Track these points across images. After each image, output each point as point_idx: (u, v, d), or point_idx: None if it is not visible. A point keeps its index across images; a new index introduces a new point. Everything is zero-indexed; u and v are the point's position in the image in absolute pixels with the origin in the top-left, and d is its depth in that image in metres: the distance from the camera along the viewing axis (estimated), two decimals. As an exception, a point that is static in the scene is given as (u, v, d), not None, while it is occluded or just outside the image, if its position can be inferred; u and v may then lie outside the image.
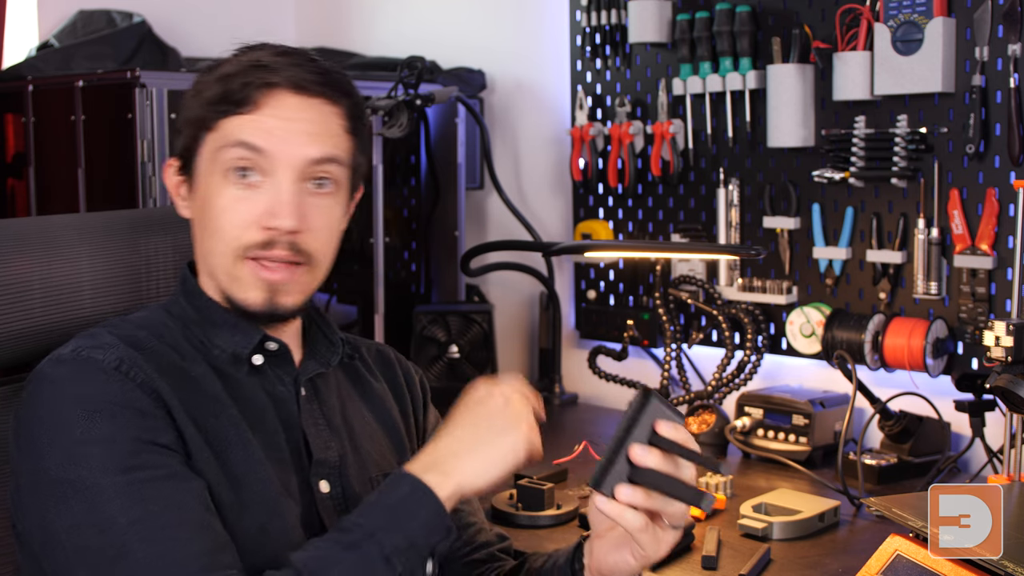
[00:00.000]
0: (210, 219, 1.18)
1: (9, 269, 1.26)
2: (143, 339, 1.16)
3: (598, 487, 1.06)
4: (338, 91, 1.21)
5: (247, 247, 1.16)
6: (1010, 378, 1.55)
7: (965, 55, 1.97)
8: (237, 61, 1.19)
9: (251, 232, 1.16)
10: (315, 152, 1.17)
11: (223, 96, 1.16)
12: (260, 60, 1.17)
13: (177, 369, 1.15)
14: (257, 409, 1.18)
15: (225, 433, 1.14)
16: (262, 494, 1.13)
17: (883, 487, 1.88)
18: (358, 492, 1.21)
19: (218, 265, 1.19)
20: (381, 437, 1.30)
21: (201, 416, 1.13)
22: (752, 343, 2.22)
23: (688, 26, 2.31)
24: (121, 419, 1.07)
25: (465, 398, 1.14)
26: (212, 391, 1.16)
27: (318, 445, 1.21)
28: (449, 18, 2.88)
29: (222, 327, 1.20)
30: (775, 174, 2.26)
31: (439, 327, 2.50)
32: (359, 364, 1.34)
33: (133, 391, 1.09)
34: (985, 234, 1.96)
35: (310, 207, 1.18)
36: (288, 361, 1.23)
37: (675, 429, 1.08)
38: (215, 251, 1.18)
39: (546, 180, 2.70)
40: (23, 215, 2.47)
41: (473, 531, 1.34)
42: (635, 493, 1.05)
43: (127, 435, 1.06)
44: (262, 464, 1.14)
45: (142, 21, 2.65)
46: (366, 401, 1.31)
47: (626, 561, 1.13)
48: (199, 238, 1.22)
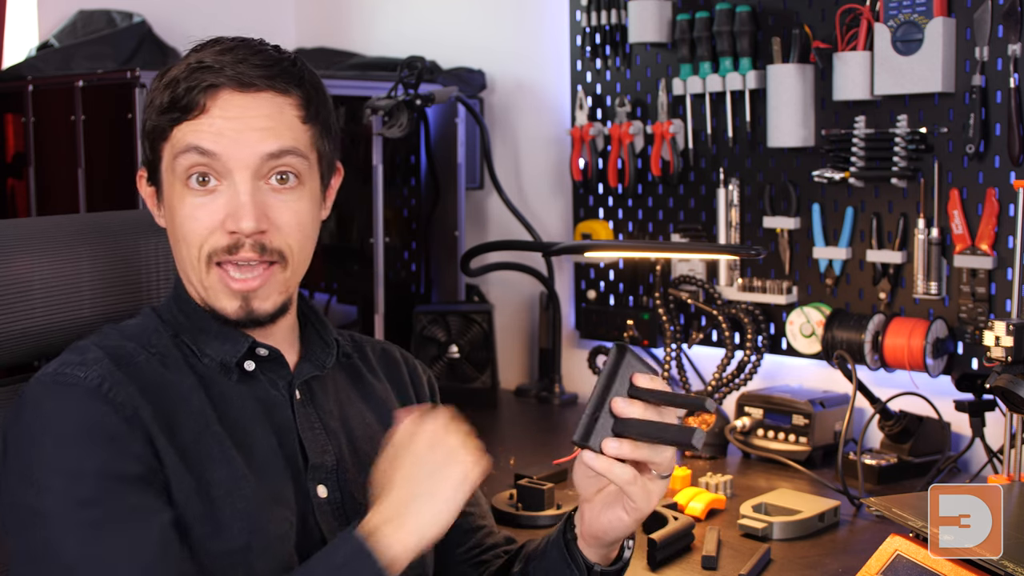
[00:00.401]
0: (177, 228, 1.17)
1: (10, 269, 1.26)
2: (130, 352, 1.15)
3: (584, 443, 1.07)
4: (288, 81, 1.17)
5: (213, 253, 1.15)
6: (1010, 378, 1.55)
7: (965, 55, 1.97)
8: (183, 65, 1.15)
9: (215, 237, 1.14)
10: (269, 147, 1.15)
11: (171, 103, 1.14)
12: (203, 61, 1.14)
13: (161, 385, 1.14)
14: (246, 419, 1.17)
15: (208, 450, 1.12)
16: (244, 511, 1.11)
17: (883, 487, 1.88)
18: (357, 496, 1.20)
19: (191, 274, 1.18)
20: (381, 439, 1.26)
21: (182, 435, 1.12)
22: (752, 343, 2.22)
23: (688, 26, 2.31)
24: (90, 450, 1.06)
25: (392, 446, 1.11)
26: (197, 406, 1.14)
27: (314, 449, 1.20)
28: (449, 18, 2.88)
29: (210, 335, 1.19)
30: (775, 174, 2.26)
31: (439, 327, 2.50)
32: (360, 364, 1.32)
33: (109, 415, 1.08)
34: (985, 234, 1.96)
35: (272, 205, 1.15)
36: (282, 364, 1.22)
37: (652, 380, 1.09)
38: (186, 260, 1.17)
39: (546, 180, 2.70)
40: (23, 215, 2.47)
41: (482, 534, 1.34)
42: (622, 445, 1.07)
43: (93, 468, 1.05)
44: (246, 479, 1.13)
45: (142, 21, 2.66)
46: (367, 402, 1.30)
47: (619, 518, 1.13)
48: (173, 248, 1.20)
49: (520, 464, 1.95)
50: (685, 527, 1.61)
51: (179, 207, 1.16)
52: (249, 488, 1.13)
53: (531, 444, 2.24)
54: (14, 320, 1.25)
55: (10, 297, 1.25)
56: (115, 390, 1.10)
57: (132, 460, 1.07)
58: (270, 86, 1.16)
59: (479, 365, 2.50)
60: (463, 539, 1.33)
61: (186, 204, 1.15)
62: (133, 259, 1.36)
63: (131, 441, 1.08)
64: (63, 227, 1.34)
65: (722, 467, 2.03)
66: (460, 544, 1.33)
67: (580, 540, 1.19)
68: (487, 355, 2.50)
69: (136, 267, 1.36)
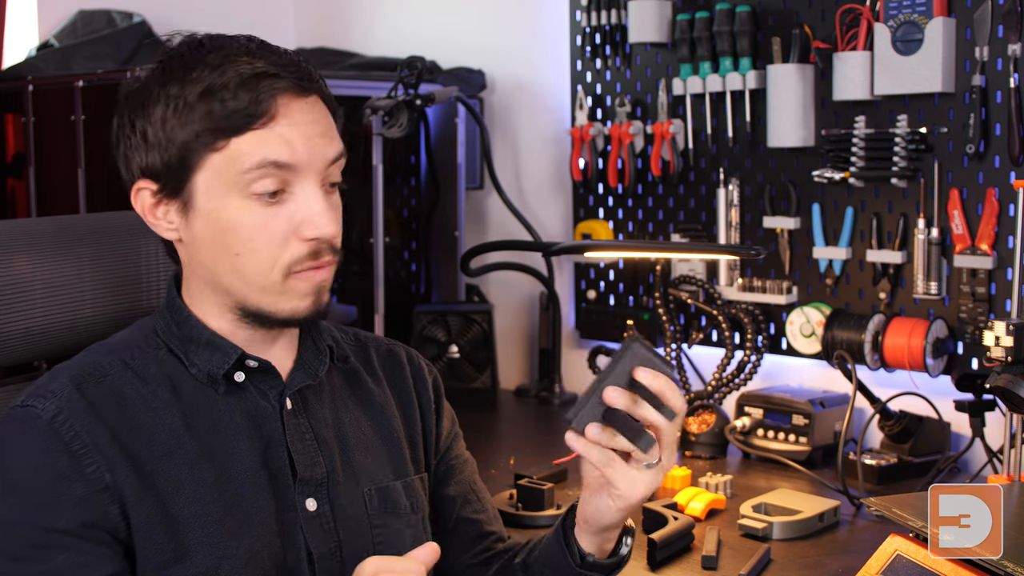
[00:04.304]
0: (237, 240, 1.11)
1: (10, 269, 1.26)
2: (103, 369, 1.14)
3: (570, 423, 1.10)
4: (319, 82, 1.15)
5: (294, 262, 1.12)
6: (1010, 378, 1.55)
7: (965, 55, 1.97)
8: (227, 71, 1.09)
9: (292, 247, 1.11)
10: (331, 153, 1.13)
11: (232, 113, 1.08)
12: (256, 66, 1.09)
13: (135, 402, 1.12)
14: (229, 435, 1.15)
15: (177, 474, 1.11)
16: (210, 537, 1.10)
17: (883, 487, 1.88)
18: (348, 508, 1.19)
19: (253, 284, 1.13)
20: (378, 448, 1.25)
21: (151, 458, 1.10)
22: (752, 343, 2.22)
23: (688, 26, 2.31)
24: (27, 500, 1.06)
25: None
26: (170, 426, 1.12)
27: (303, 462, 1.17)
28: (449, 18, 2.88)
29: (200, 344, 1.16)
30: (775, 174, 2.26)
31: (439, 327, 2.50)
32: (360, 368, 1.29)
33: (56, 452, 1.07)
34: (985, 234, 1.96)
35: (333, 208, 1.15)
36: (273, 375, 1.19)
37: (653, 376, 1.09)
38: (248, 271, 1.12)
39: (546, 180, 2.70)
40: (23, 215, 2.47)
41: (491, 540, 1.33)
42: (601, 433, 1.08)
43: (27, 520, 1.05)
44: (213, 503, 1.11)
45: (142, 21, 2.66)
46: (363, 408, 1.27)
47: (606, 504, 1.13)
48: (210, 260, 1.14)
49: (520, 464, 1.95)
50: (685, 527, 1.61)
51: (240, 218, 1.11)
52: (218, 511, 1.11)
53: (531, 444, 2.24)
54: (14, 320, 1.25)
55: (10, 297, 1.25)
56: (69, 423, 1.09)
57: (68, 509, 1.06)
58: (318, 89, 1.14)
59: (479, 365, 2.50)
60: (470, 545, 1.32)
61: (253, 215, 1.10)
62: (133, 259, 1.36)
63: (74, 481, 1.07)
64: (63, 227, 1.34)
65: (722, 467, 2.03)
66: (467, 550, 1.32)
67: (577, 527, 1.19)
68: (487, 355, 2.50)
69: (136, 267, 1.36)
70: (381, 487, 1.22)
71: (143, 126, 1.13)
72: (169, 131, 1.11)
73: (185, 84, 1.10)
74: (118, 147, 1.16)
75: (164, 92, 1.11)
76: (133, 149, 1.14)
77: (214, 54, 1.11)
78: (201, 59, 1.11)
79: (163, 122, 1.11)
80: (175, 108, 1.10)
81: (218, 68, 1.09)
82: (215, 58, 1.10)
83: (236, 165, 1.09)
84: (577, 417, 1.09)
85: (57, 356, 1.31)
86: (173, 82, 1.11)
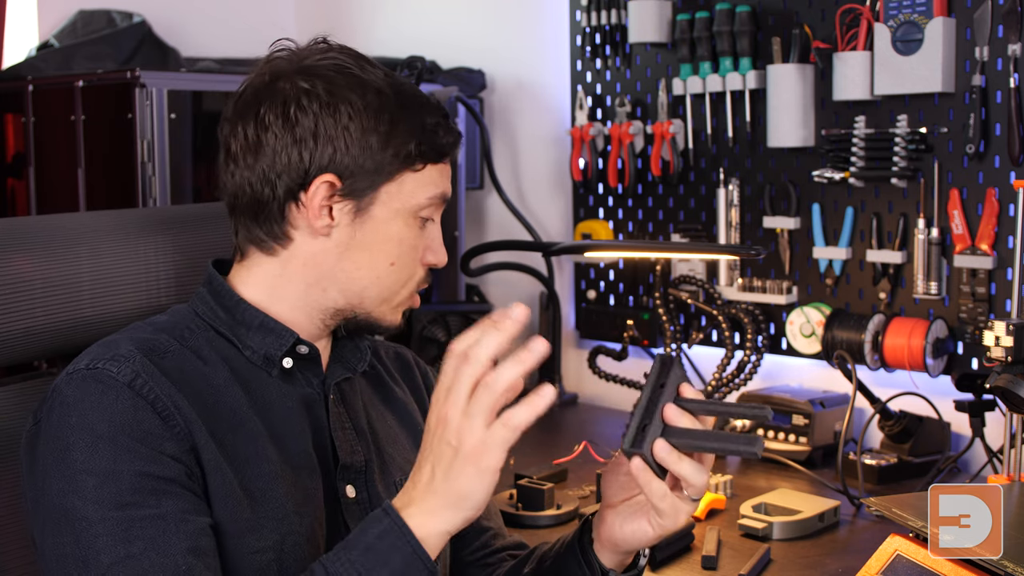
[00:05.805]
0: (392, 252, 1.20)
1: (10, 268, 1.26)
2: (164, 345, 1.14)
3: (636, 450, 1.05)
4: None
5: (419, 282, 1.23)
6: (1010, 378, 1.55)
7: (965, 55, 1.97)
8: (429, 99, 1.21)
9: (420, 269, 1.23)
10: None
11: (442, 144, 1.20)
12: (442, 110, 1.21)
13: (197, 378, 1.13)
14: (282, 416, 1.17)
15: (243, 448, 1.12)
16: (277, 511, 1.12)
17: (883, 487, 1.88)
18: (383, 496, 1.21)
19: (383, 292, 1.21)
20: (404, 441, 1.30)
21: (220, 430, 1.11)
22: (752, 343, 2.22)
23: (688, 26, 2.31)
24: (124, 449, 1.05)
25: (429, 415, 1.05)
26: (232, 403, 1.14)
27: (344, 449, 1.21)
28: (449, 18, 2.88)
29: (251, 328, 1.19)
30: (775, 174, 2.26)
31: (439, 327, 2.50)
32: (381, 370, 1.34)
33: (144, 410, 1.07)
34: (985, 234, 1.96)
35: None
36: (317, 364, 1.22)
37: (697, 392, 1.10)
38: (388, 281, 1.20)
39: (546, 180, 2.70)
40: (23, 215, 2.47)
41: (489, 536, 1.34)
42: (671, 452, 1.05)
43: (127, 468, 1.04)
44: (278, 479, 1.13)
45: (142, 21, 2.66)
46: (388, 406, 1.32)
47: (643, 530, 1.13)
48: (350, 264, 1.19)
49: (520, 464, 1.95)
50: (685, 527, 1.61)
51: (403, 234, 1.20)
52: (281, 488, 1.13)
53: (531, 444, 2.23)
54: (14, 320, 1.25)
55: (10, 297, 1.25)
56: (149, 385, 1.08)
57: (167, 460, 1.06)
58: None
59: (479, 365, 2.49)
60: (469, 540, 1.33)
61: (412, 234, 1.20)
62: (133, 259, 1.36)
63: (166, 439, 1.07)
64: (63, 227, 1.34)
65: (722, 467, 2.02)
66: (466, 546, 1.33)
67: (597, 543, 1.19)
68: (487, 355, 2.49)
69: (136, 267, 1.36)
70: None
71: (328, 123, 1.15)
72: (370, 138, 1.16)
73: (393, 100, 1.17)
74: (266, 130, 1.15)
75: (363, 99, 1.16)
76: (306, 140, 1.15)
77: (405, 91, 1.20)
78: (398, 81, 1.19)
79: (363, 129, 1.15)
80: (380, 120, 1.16)
81: (424, 96, 1.21)
82: (410, 86, 1.21)
83: (422, 190, 1.19)
84: (643, 443, 1.05)
85: (57, 356, 1.32)
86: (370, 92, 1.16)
